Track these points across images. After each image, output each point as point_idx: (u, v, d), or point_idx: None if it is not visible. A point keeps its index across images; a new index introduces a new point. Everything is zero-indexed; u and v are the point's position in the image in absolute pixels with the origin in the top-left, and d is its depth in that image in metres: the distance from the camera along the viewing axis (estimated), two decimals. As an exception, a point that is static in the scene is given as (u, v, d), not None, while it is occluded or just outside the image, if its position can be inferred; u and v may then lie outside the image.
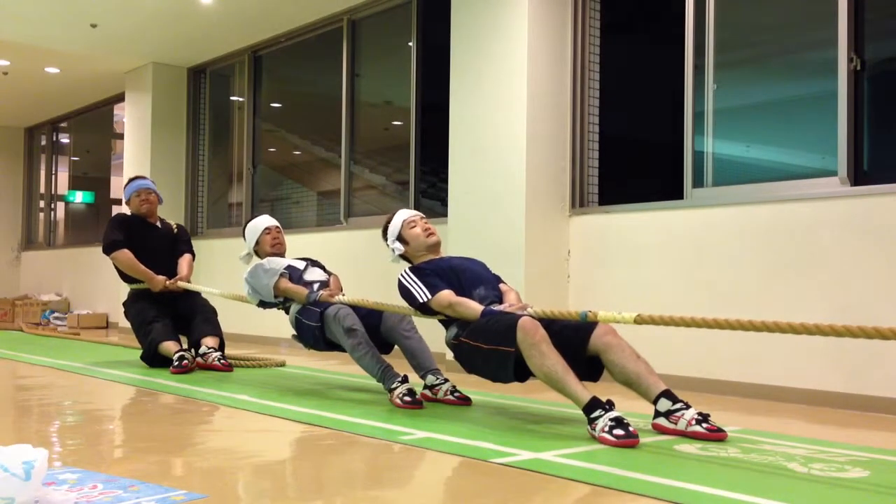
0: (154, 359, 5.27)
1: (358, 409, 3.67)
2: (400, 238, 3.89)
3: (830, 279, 3.98)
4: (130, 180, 5.81)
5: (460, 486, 2.41)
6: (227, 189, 8.99)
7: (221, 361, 5.15)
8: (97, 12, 7.21)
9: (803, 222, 4.11)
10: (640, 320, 2.94)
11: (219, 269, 7.90)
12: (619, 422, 2.87)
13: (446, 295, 3.51)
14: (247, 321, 7.21)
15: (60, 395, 4.38)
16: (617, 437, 2.83)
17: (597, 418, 2.92)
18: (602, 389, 3.17)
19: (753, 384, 4.22)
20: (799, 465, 2.58)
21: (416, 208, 6.32)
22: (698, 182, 4.68)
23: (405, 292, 3.67)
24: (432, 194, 6.48)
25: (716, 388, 4.35)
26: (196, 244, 8.62)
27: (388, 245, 3.94)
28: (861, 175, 4.04)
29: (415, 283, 3.62)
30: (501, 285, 3.74)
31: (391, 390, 3.79)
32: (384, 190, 7.15)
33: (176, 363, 5.02)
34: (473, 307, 3.42)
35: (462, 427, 3.23)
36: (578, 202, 5.18)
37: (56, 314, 10.11)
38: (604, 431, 2.86)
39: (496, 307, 3.40)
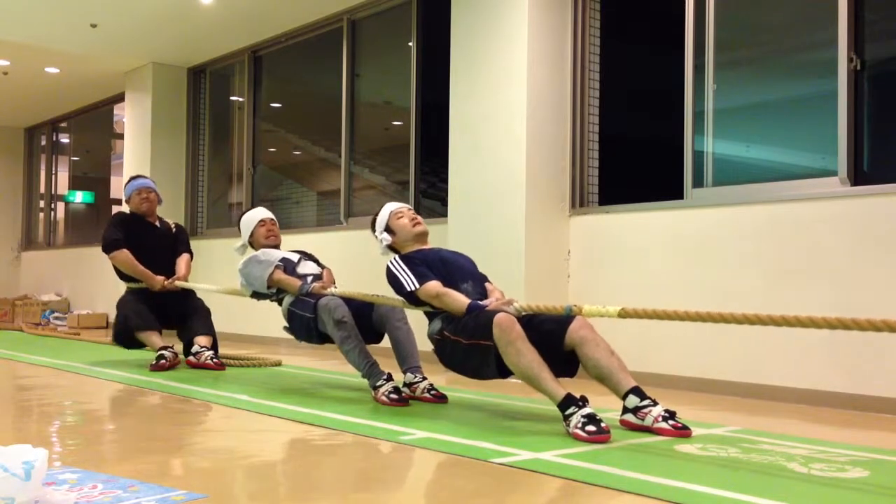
0: (131, 341, 5.29)
1: (357, 409, 3.67)
2: (387, 229, 3.92)
3: (830, 279, 3.98)
4: (131, 179, 5.84)
5: (460, 486, 2.41)
6: (227, 189, 8.99)
7: (214, 360, 5.16)
8: (97, 12, 7.21)
9: (803, 222, 4.11)
10: (624, 314, 2.96)
11: (219, 269, 7.89)
12: (591, 418, 2.92)
13: (434, 285, 3.52)
14: (248, 321, 7.21)
15: (60, 395, 4.38)
16: (589, 433, 2.88)
17: (571, 415, 2.97)
18: (577, 385, 3.19)
19: (753, 384, 4.21)
20: (799, 465, 2.58)
21: (416, 208, 6.33)
22: (698, 182, 4.68)
23: (393, 280, 3.67)
24: (432, 194, 6.48)
25: (716, 388, 4.35)
26: (196, 244, 8.63)
27: (376, 237, 3.96)
28: (861, 175, 4.04)
29: (403, 271, 3.62)
30: (487, 284, 3.75)
31: (376, 388, 3.83)
32: (384, 190, 7.14)
33: (154, 361, 5.04)
34: (460, 300, 3.43)
35: (462, 427, 3.23)
36: (578, 202, 5.18)
37: (56, 314, 10.11)
38: (577, 428, 2.92)
39: (482, 301, 3.41)
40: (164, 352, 5.09)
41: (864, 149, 4.07)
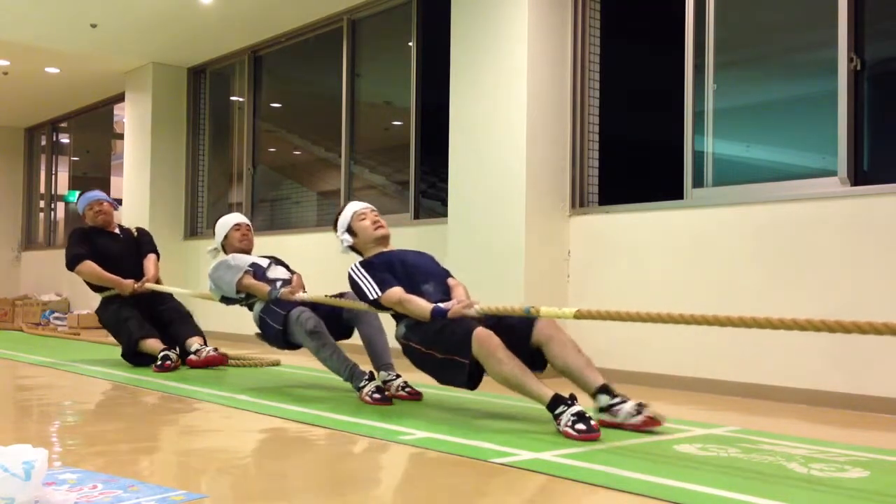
0: (136, 356, 5.29)
1: (356, 409, 3.67)
2: (349, 230, 3.93)
3: (830, 279, 3.98)
4: (80, 194, 5.87)
5: (460, 486, 2.41)
6: (227, 189, 8.99)
7: (216, 352, 5.18)
8: (97, 12, 7.21)
9: (803, 222, 4.11)
10: (579, 315, 3.01)
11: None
12: (580, 416, 2.94)
13: (396, 292, 3.53)
14: (243, 321, 7.19)
15: (60, 395, 4.38)
16: (579, 431, 2.90)
17: (560, 414, 2.98)
18: (561, 384, 3.21)
19: (753, 384, 4.21)
20: (799, 466, 2.58)
21: (415, 208, 6.33)
22: (698, 182, 4.68)
23: (355, 287, 3.69)
24: (432, 194, 6.47)
25: (716, 388, 4.35)
26: (195, 244, 8.69)
27: (337, 236, 3.97)
28: (861, 175, 4.04)
29: (364, 278, 3.64)
30: (450, 280, 3.76)
31: (360, 388, 3.86)
32: (384, 190, 7.14)
33: (159, 362, 5.05)
34: (423, 305, 3.44)
35: (461, 427, 3.23)
36: (578, 202, 5.18)
37: (56, 314, 10.10)
38: (567, 426, 2.94)
39: (444, 305, 3.40)
40: (168, 353, 5.10)
41: (864, 149, 4.07)
